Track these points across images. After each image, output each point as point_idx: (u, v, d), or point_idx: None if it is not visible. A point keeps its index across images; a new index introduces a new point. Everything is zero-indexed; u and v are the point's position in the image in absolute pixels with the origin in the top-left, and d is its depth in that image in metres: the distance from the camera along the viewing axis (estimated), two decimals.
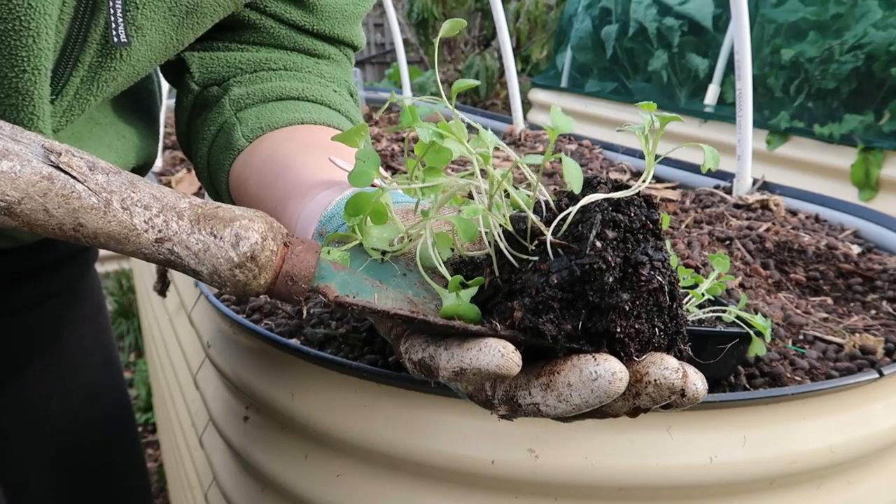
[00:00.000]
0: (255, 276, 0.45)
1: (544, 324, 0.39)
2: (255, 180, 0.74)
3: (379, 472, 0.78)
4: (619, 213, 0.41)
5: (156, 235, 0.44)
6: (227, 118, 0.79)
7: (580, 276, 0.39)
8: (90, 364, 1.13)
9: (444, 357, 0.41)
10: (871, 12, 2.57)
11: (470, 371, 0.40)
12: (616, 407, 0.41)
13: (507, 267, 0.43)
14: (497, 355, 0.39)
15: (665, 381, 0.40)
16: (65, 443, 1.10)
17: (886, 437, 0.82)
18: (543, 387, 0.40)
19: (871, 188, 2.50)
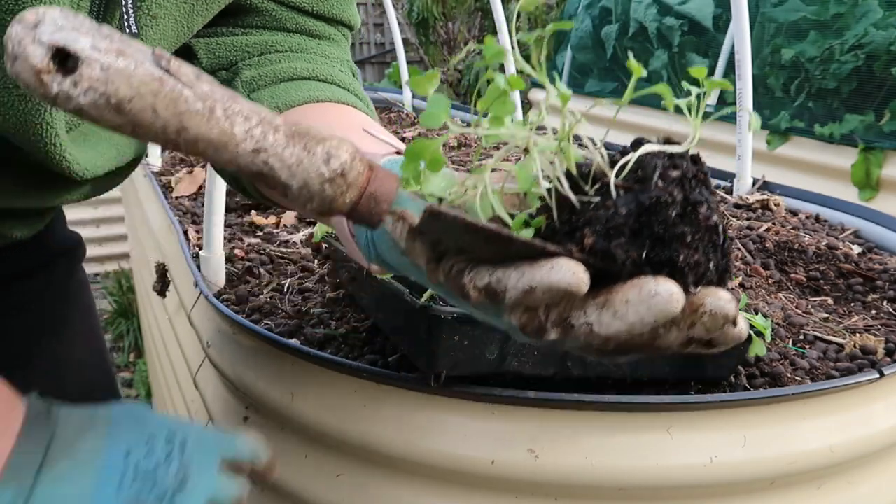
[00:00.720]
0: (342, 192, 0.47)
1: (615, 248, 0.42)
2: None
3: (379, 472, 0.78)
4: (674, 161, 0.44)
5: (253, 146, 0.45)
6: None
7: (648, 207, 0.42)
8: (88, 364, 1.13)
9: (513, 277, 0.43)
10: (872, 12, 2.57)
11: (540, 288, 0.41)
12: (671, 338, 0.43)
13: (566, 211, 0.46)
14: (569, 273, 0.41)
15: (721, 310, 0.42)
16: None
17: (886, 437, 0.82)
18: (599, 305, 0.42)
19: (871, 188, 2.50)
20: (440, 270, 0.49)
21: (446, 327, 0.69)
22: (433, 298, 0.77)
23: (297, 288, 1.11)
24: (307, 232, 1.33)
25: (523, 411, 0.74)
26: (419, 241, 0.50)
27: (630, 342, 0.44)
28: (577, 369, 0.75)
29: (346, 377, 0.80)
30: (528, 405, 0.74)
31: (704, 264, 0.43)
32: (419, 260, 0.50)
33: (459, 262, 0.47)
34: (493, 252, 0.45)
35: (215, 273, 1.13)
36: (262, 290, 1.11)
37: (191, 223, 1.46)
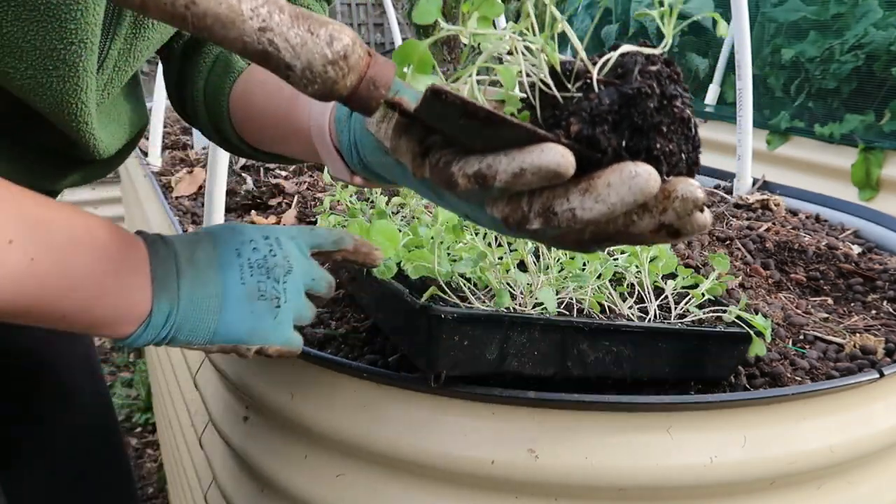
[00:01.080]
0: (344, 74, 0.48)
1: (599, 134, 0.45)
2: (260, 91, 0.77)
3: (379, 472, 0.78)
4: (651, 59, 0.48)
5: (259, 24, 0.47)
6: (223, 49, 0.81)
7: (629, 97, 0.45)
8: (76, 354, 1.14)
9: (503, 162, 0.45)
10: (872, 12, 2.56)
11: (530, 170, 0.44)
12: (643, 224, 0.46)
13: (548, 108, 0.49)
14: (558, 155, 0.43)
15: (691, 195, 0.45)
16: (58, 437, 1.11)
17: (886, 437, 0.82)
18: (582, 191, 0.45)
19: (871, 188, 2.50)
20: (426, 165, 0.51)
21: (446, 327, 0.69)
22: (433, 298, 0.77)
23: None
24: None
25: (523, 411, 0.74)
26: (405, 137, 0.52)
27: (606, 230, 0.47)
28: (577, 369, 0.75)
29: (346, 377, 0.80)
30: (528, 405, 0.74)
31: (677, 154, 0.47)
32: (404, 157, 0.53)
33: (447, 154, 0.49)
34: (484, 139, 0.47)
35: None
36: None
37: (191, 223, 1.46)
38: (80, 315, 0.59)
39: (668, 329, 0.79)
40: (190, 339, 0.64)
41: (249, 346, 0.67)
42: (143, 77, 1.13)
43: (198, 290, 0.64)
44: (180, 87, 0.88)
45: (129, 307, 0.61)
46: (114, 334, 0.62)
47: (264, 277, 0.66)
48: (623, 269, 0.89)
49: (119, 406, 2.91)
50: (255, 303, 0.66)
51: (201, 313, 0.64)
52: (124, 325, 0.62)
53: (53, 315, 0.58)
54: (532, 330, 0.72)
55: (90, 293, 0.59)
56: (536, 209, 0.47)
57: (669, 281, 0.87)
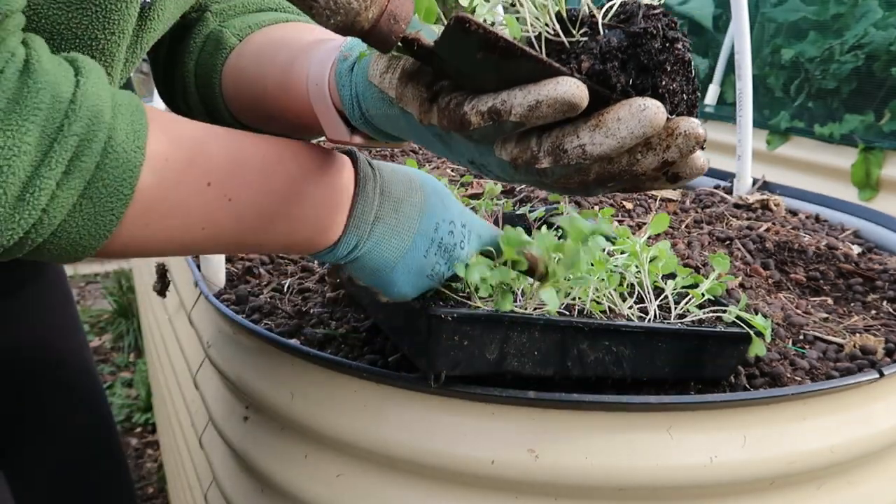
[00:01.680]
0: (366, 7, 0.50)
1: (610, 70, 0.48)
2: (253, 64, 0.78)
3: (379, 473, 0.78)
4: (652, 5, 0.51)
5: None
6: (213, 28, 0.82)
7: (636, 36, 0.48)
8: (69, 349, 1.15)
9: (518, 96, 0.47)
10: (872, 12, 2.56)
11: (546, 102, 0.46)
12: (647, 162, 0.48)
13: (554, 53, 0.51)
14: (573, 86, 0.45)
15: (693, 131, 0.47)
16: (57, 433, 1.11)
17: (886, 437, 0.82)
18: (592, 127, 0.47)
19: (871, 188, 2.50)
20: (434, 110, 0.53)
21: (446, 327, 0.69)
22: (434, 299, 0.77)
23: (297, 288, 1.11)
24: None
25: (523, 411, 0.74)
26: (411, 84, 0.55)
27: (610, 169, 0.49)
28: (577, 369, 0.75)
29: (346, 377, 0.80)
30: (528, 405, 0.74)
31: (679, 94, 0.50)
32: (411, 105, 0.55)
33: (457, 96, 0.51)
34: (499, 74, 0.49)
35: (215, 273, 1.13)
36: (262, 290, 1.11)
37: None
38: (274, 245, 0.64)
39: (668, 329, 0.79)
40: (357, 272, 0.68)
41: (384, 297, 0.71)
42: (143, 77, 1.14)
43: (385, 241, 0.66)
44: (169, 76, 0.88)
45: (320, 234, 0.64)
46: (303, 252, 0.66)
47: (443, 261, 0.69)
48: (623, 269, 0.89)
49: (119, 406, 2.91)
50: (423, 279, 0.69)
51: (379, 261, 0.67)
52: (312, 249, 0.65)
53: (250, 247, 0.64)
54: (532, 330, 0.72)
55: (285, 228, 0.62)
56: (546, 147, 0.48)
57: (669, 281, 0.87)
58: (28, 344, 1.08)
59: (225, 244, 0.60)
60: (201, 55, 0.82)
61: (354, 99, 0.65)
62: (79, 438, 1.15)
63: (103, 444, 1.20)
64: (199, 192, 0.55)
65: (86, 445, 1.16)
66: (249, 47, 0.79)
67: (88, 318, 3.62)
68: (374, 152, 1.96)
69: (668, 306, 0.85)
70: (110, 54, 0.64)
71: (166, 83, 0.89)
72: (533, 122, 0.47)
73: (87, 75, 0.50)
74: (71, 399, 1.14)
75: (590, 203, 1.55)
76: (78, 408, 1.15)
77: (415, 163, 1.21)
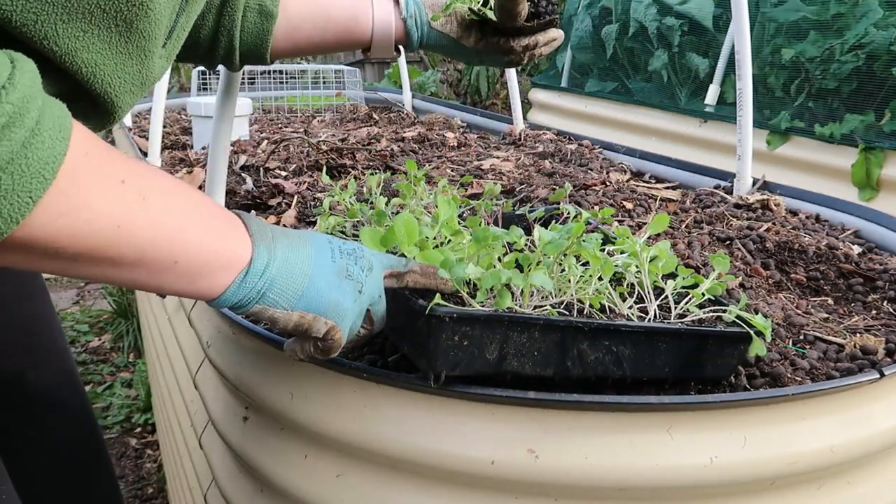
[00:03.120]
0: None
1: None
2: (308, 23, 1.03)
3: (379, 472, 0.78)
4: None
5: None
6: (249, 2, 0.98)
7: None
8: (54, 337, 1.16)
9: (540, 38, 1.10)
10: (872, 12, 2.56)
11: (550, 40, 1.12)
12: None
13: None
14: (559, 32, 1.09)
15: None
16: (46, 421, 1.12)
17: (887, 438, 0.82)
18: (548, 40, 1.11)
19: (871, 188, 2.50)
20: (482, 42, 1.08)
21: (446, 327, 0.69)
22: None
23: None
24: None
25: (523, 411, 0.74)
26: (466, 31, 1.08)
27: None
28: (577, 369, 0.75)
29: (346, 377, 0.80)
30: (528, 405, 0.74)
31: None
32: (465, 40, 1.08)
33: (499, 36, 1.08)
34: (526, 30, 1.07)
35: None
36: None
37: None
38: (190, 261, 0.61)
39: (668, 329, 0.79)
40: (278, 298, 0.66)
41: (327, 322, 0.68)
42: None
43: (291, 253, 0.68)
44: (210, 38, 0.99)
45: (232, 252, 0.64)
46: (215, 286, 0.63)
47: (352, 263, 0.71)
48: (623, 268, 0.89)
49: (119, 406, 2.91)
50: (343, 280, 0.69)
51: (294, 271, 0.67)
52: (228, 271, 0.63)
53: (165, 261, 0.59)
54: (532, 330, 0.72)
55: (197, 236, 0.61)
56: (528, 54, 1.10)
57: (669, 281, 0.87)
58: (23, 317, 1.11)
59: (140, 249, 0.57)
60: (245, 24, 0.98)
61: (419, 39, 1.09)
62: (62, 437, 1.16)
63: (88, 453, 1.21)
64: (115, 186, 0.55)
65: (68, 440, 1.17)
66: (294, 11, 1.02)
67: (88, 318, 3.62)
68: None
69: (668, 306, 0.85)
70: (141, 31, 0.65)
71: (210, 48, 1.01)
72: (541, 50, 1.08)
73: (22, 67, 0.50)
74: (51, 398, 1.15)
75: (590, 203, 1.55)
76: (61, 422, 1.16)
77: (414, 164, 1.21)
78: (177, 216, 0.59)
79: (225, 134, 1.29)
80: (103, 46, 0.62)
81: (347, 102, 3.29)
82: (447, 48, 1.10)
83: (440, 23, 1.07)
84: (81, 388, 1.23)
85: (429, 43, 1.09)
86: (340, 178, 1.86)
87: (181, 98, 3.06)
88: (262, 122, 2.91)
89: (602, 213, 1.02)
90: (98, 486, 1.23)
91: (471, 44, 1.08)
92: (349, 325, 0.70)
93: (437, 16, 1.08)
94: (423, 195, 1.13)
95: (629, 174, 1.93)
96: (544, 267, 0.79)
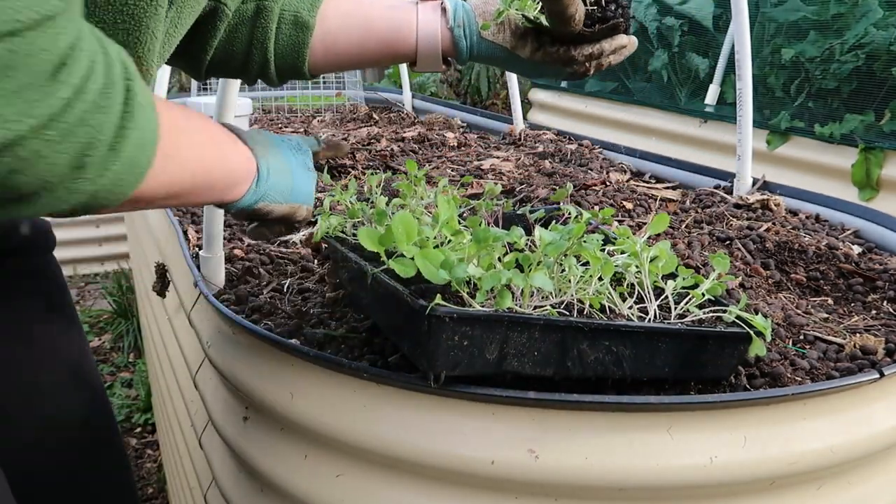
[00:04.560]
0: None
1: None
2: (343, 34, 1.00)
3: (379, 472, 0.78)
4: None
5: None
6: (283, 13, 0.97)
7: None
8: (69, 341, 1.16)
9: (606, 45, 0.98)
10: (872, 12, 2.56)
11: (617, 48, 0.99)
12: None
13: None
14: (624, 37, 0.99)
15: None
16: (53, 420, 1.12)
17: (887, 438, 0.82)
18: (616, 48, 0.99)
19: (871, 188, 2.50)
20: (539, 52, 0.97)
21: (446, 327, 0.69)
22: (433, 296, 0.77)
23: (297, 288, 1.11)
24: (307, 232, 1.33)
25: (523, 411, 0.74)
26: (521, 40, 0.97)
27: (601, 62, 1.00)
28: (577, 369, 0.75)
29: (346, 377, 0.80)
30: (528, 405, 0.74)
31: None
32: (521, 51, 0.98)
33: (559, 45, 0.96)
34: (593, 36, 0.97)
35: (215, 273, 1.13)
36: (262, 290, 1.11)
37: (190, 223, 1.46)
38: (225, 181, 0.76)
39: (668, 329, 0.79)
40: (276, 196, 0.83)
41: (308, 208, 0.88)
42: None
43: (275, 159, 0.84)
44: (237, 54, 1.00)
45: (245, 168, 0.79)
46: (238, 194, 0.79)
47: (306, 157, 0.90)
48: (623, 269, 0.89)
49: (119, 406, 2.91)
50: (307, 172, 0.89)
51: (283, 174, 0.84)
52: (246, 181, 0.79)
53: (213, 183, 0.74)
54: (532, 330, 0.72)
55: (225, 157, 0.76)
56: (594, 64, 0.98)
57: (669, 281, 0.87)
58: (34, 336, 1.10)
59: (203, 180, 0.71)
60: (279, 36, 0.98)
61: (468, 49, 0.99)
62: (77, 427, 1.16)
63: (102, 433, 1.21)
64: (187, 136, 0.67)
65: (84, 434, 1.17)
66: (333, 23, 0.99)
67: (88, 318, 3.62)
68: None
69: (668, 306, 0.85)
70: (137, 18, 0.68)
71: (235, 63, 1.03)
72: (609, 59, 0.98)
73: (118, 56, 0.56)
74: (69, 388, 1.15)
75: (590, 203, 1.55)
76: (76, 397, 1.16)
77: (414, 164, 1.21)
78: (215, 147, 0.74)
79: None
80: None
81: (347, 102, 3.29)
82: (500, 60, 1.00)
83: (491, 32, 0.96)
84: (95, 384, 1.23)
85: (479, 54, 0.99)
86: (340, 178, 1.86)
87: (181, 98, 3.06)
88: (262, 122, 2.91)
89: (602, 214, 1.02)
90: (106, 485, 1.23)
91: (527, 54, 0.97)
92: (313, 201, 0.89)
93: (486, 24, 0.97)
94: (424, 195, 1.13)
95: (629, 174, 1.94)
96: (544, 267, 0.79)
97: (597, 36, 0.95)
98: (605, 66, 0.99)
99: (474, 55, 1.00)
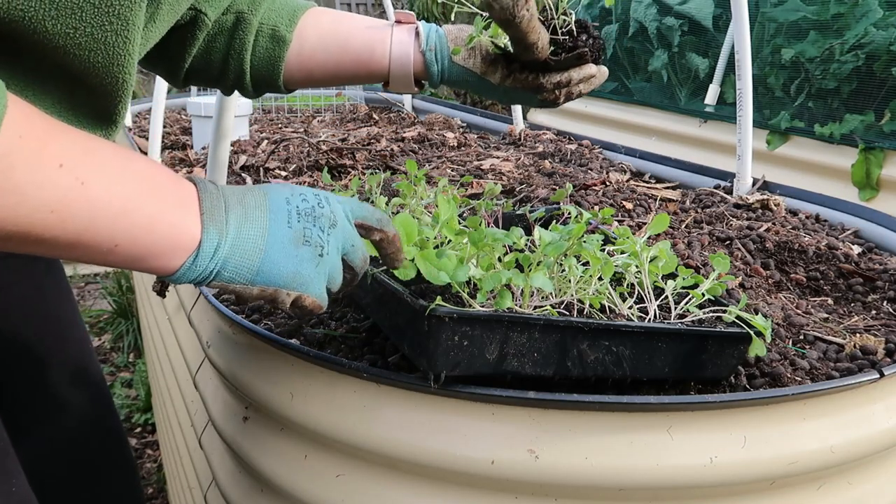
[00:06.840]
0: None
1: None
2: (320, 51, 0.99)
3: (379, 472, 0.78)
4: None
5: None
6: (261, 27, 0.96)
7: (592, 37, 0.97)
8: (76, 335, 1.16)
9: (574, 74, 0.98)
10: (872, 12, 2.56)
11: (585, 77, 0.99)
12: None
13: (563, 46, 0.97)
14: (594, 67, 1.00)
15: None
16: (60, 411, 1.12)
17: (886, 438, 0.82)
18: (584, 77, 0.99)
19: (871, 188, 2.50)
20: (510, 78, 0.97)
21: (446, 327, 0.69)
22: (433, 296, 0.77)
23: None
24: None
25: (523, 411, 0.74)
26: (492, 66, 0.97)
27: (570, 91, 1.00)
28: (577, 369, 0.75)
29: (346, 377, 0.80)
30: (528, 405, 0.74)
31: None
32: (491, 76, 0.98)
33: (527, 72, 0.96)
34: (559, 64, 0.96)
35: None
36: None
37: None
38: (132, 244, 0.60)
39: (668, 329, 0.79)
40: (233, 276, 0.66)
41: (289, 293, 0.68)
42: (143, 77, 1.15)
43: (245, 226, 0.66)
44: (215, 64, 0.98)
45: (179, 235, 0.62)
46: (164, 267, 0.63)
47: (310, 225, 0.69)
48: (623, 269, 0.89)
49: (119, 406, 2.91)
50: (300, 248, 0.68)
51: (247, 248, 0.66)
52: (175, 255, 0.62)
53: (105, 244, 0.58)
54: (532, 330, 0.72)
55: (141, 219, 0.59)
56: (563, 92, 0.97)
57: (669, 281, 0.87)
58: (42, 326, 1.10)
59: (75, 232, 0.56)
60: (256, 49, 0.97)
61: (440, 73, 0.99)
62: (81, 419, 1.16)
63: (104, 424, 1.21)
64: (50, 171, 0.54)
65: (88, 426, 1.17)
66: (310, 39, 0.99)
67: (88, 318, 3.62)
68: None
69: (668, 306, 0.85)
70: (125, 19, 0.67)
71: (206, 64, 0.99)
72: (578, 88, 0.97)
73: None
74: (73, 382, 1.15)
75: (590, 203, 1.55)
76: (79, 392, 1.16)
77: (414, 164, 1.21)
78: (121, 198, 0.58)
79: (225, 134, 1.29)
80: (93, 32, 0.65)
81: (347, 102, 3.29)
82: (472, 84, 1.00)
83: (461, 56, 0.98)
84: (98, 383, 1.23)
85: (451, 78, 1.00)
86: (340, 177, 1.86)
87: (181, 98, 3.06)
88: (262, 122, 2.91)
89: (602, 214, 1.02)
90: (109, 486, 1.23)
91: (497, 80, 0.97)
92: (316, 289, 0.70)
93: (457, 49, 0.98)
94: (424, 195, 1.13)
95: (629, 174, 1.93)
96: (544, 267, 0.79)
97: (563, 64, 0.95)
98: (576, 94, 0.99)
99: (445, 79, 1.00)
